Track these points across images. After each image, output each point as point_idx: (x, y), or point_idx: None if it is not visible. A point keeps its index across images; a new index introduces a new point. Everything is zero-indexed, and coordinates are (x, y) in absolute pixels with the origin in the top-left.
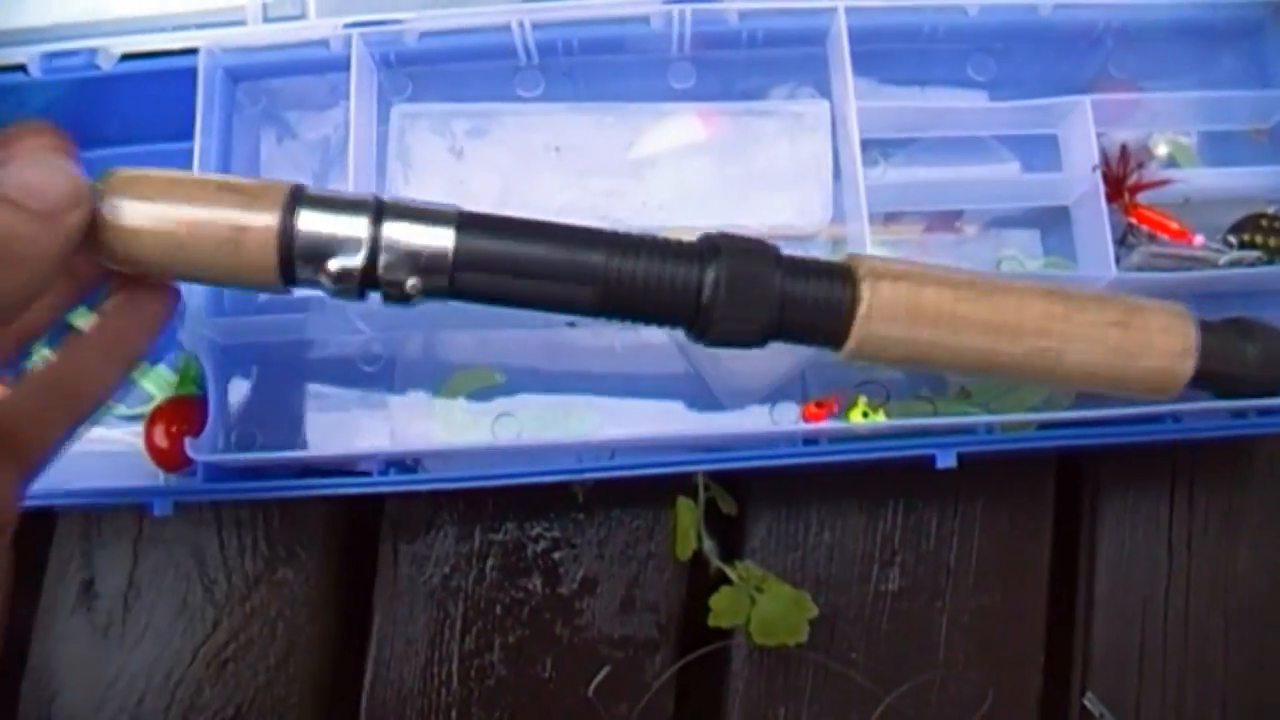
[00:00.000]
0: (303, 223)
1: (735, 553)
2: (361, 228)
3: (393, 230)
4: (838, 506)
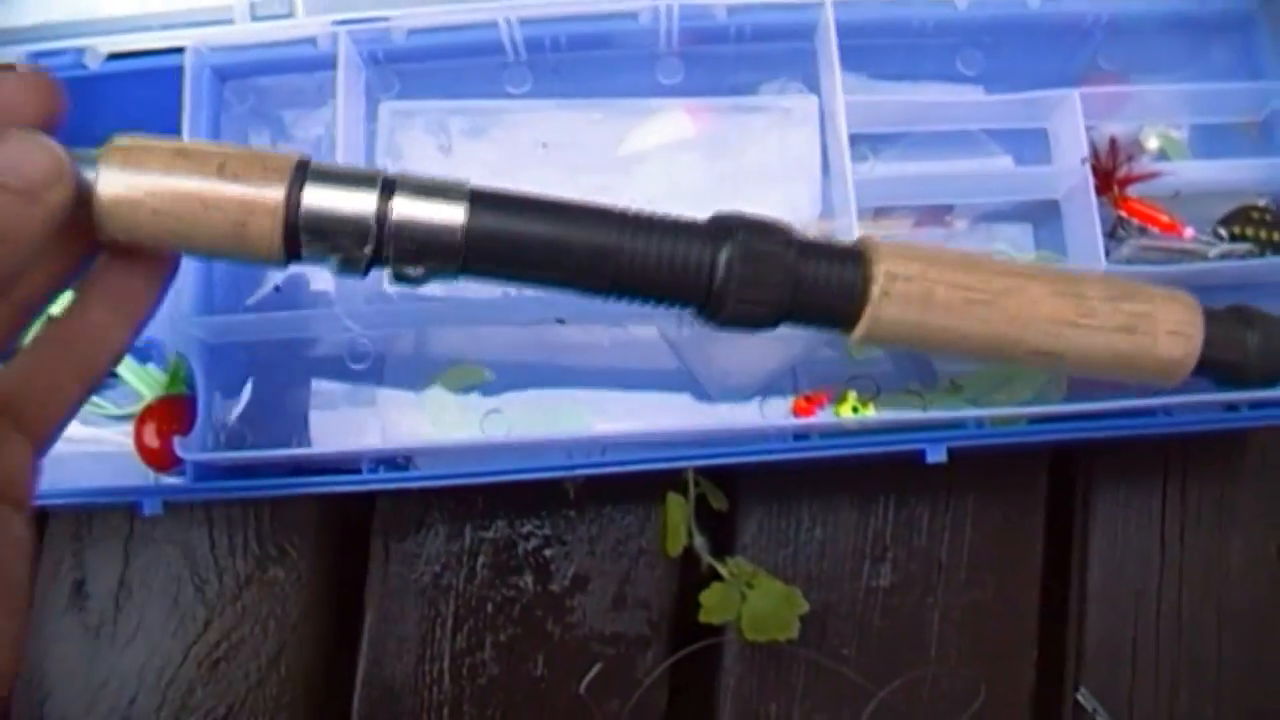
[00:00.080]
0: (309, 197)
1: (726, 549)
2: (369, 203)
3: (402, 207)
4: (829, 502)
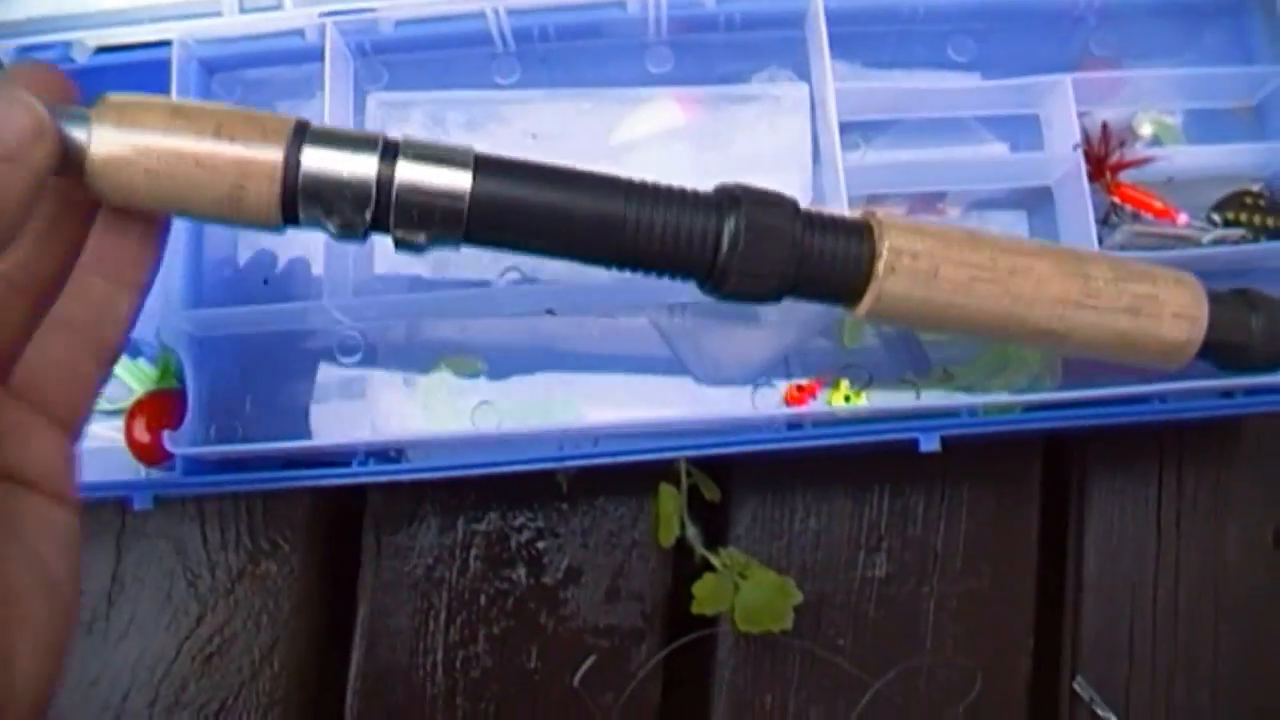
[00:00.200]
0: (308, 160)
1: (720, 540)
2: (370, 166)
3: (407, 171)
4: (823, 492)
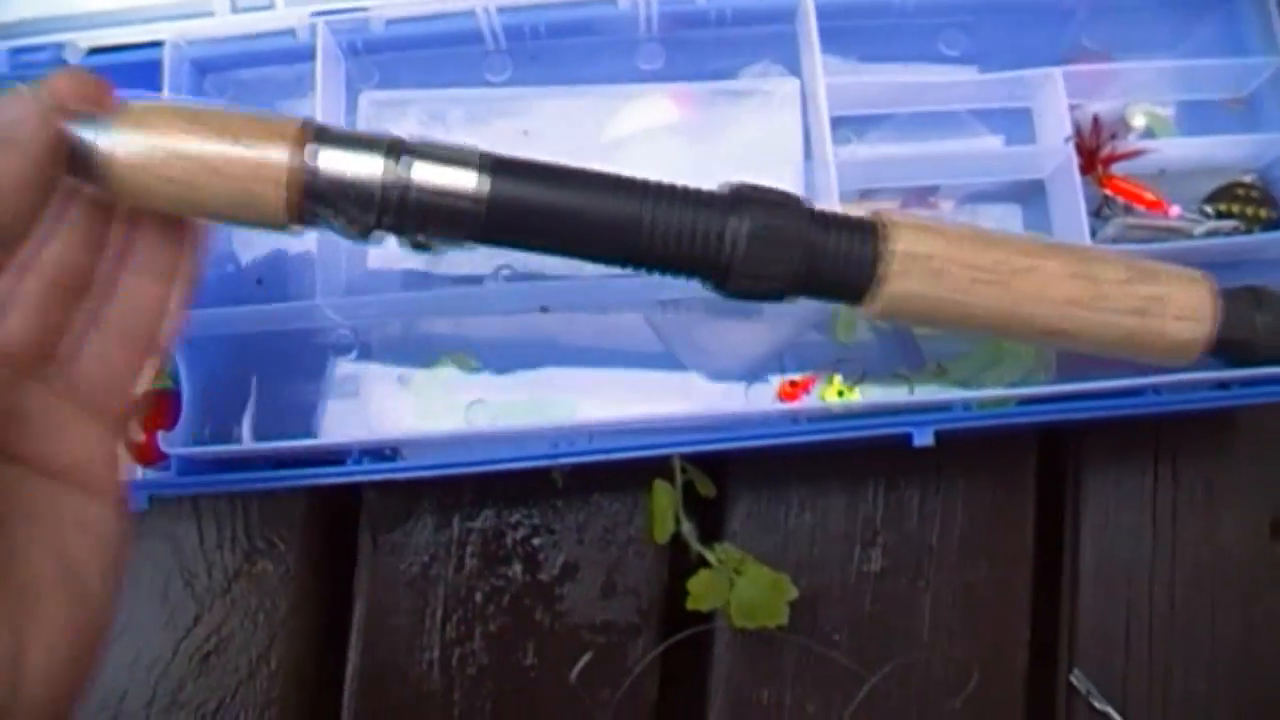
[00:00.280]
0: (317, 161)
1: (716, 535)
2: (376, 167)
3: (423, 173)
4: (818, 487)
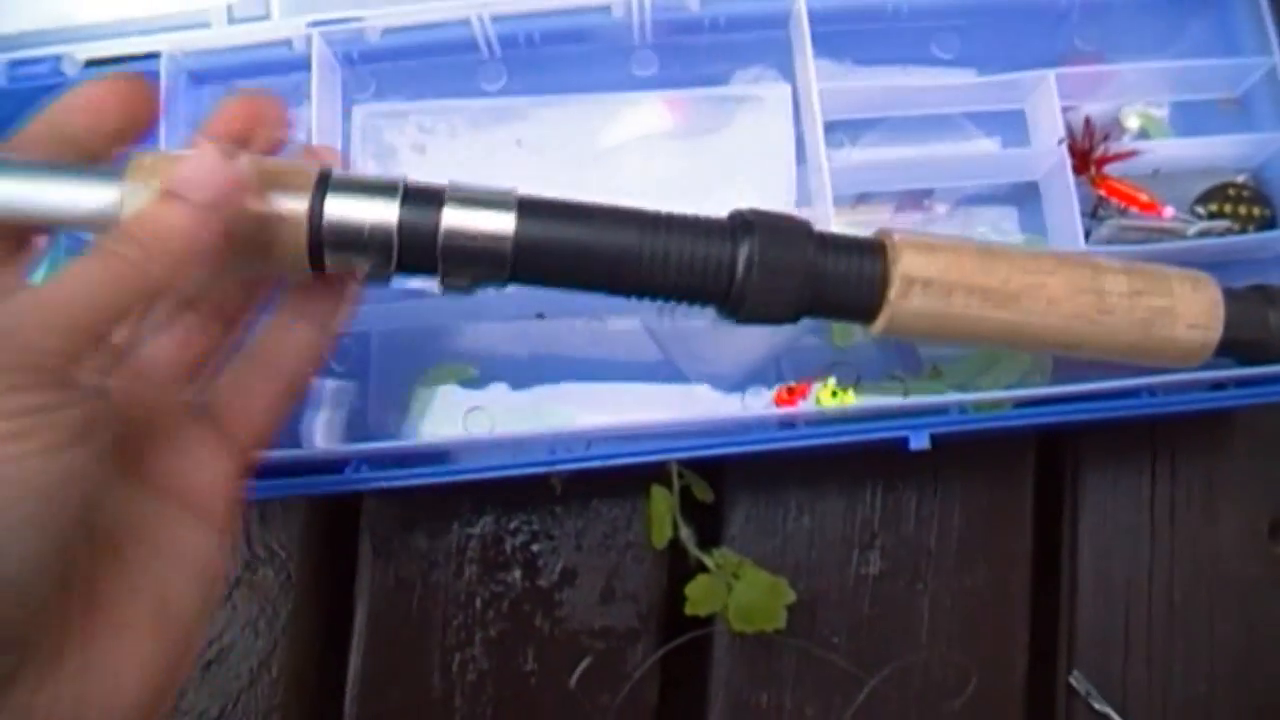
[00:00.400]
0: (331, 209)
1: (715, 540)
2: (391, 213)
3: (450, 217)
4: (816, 491)
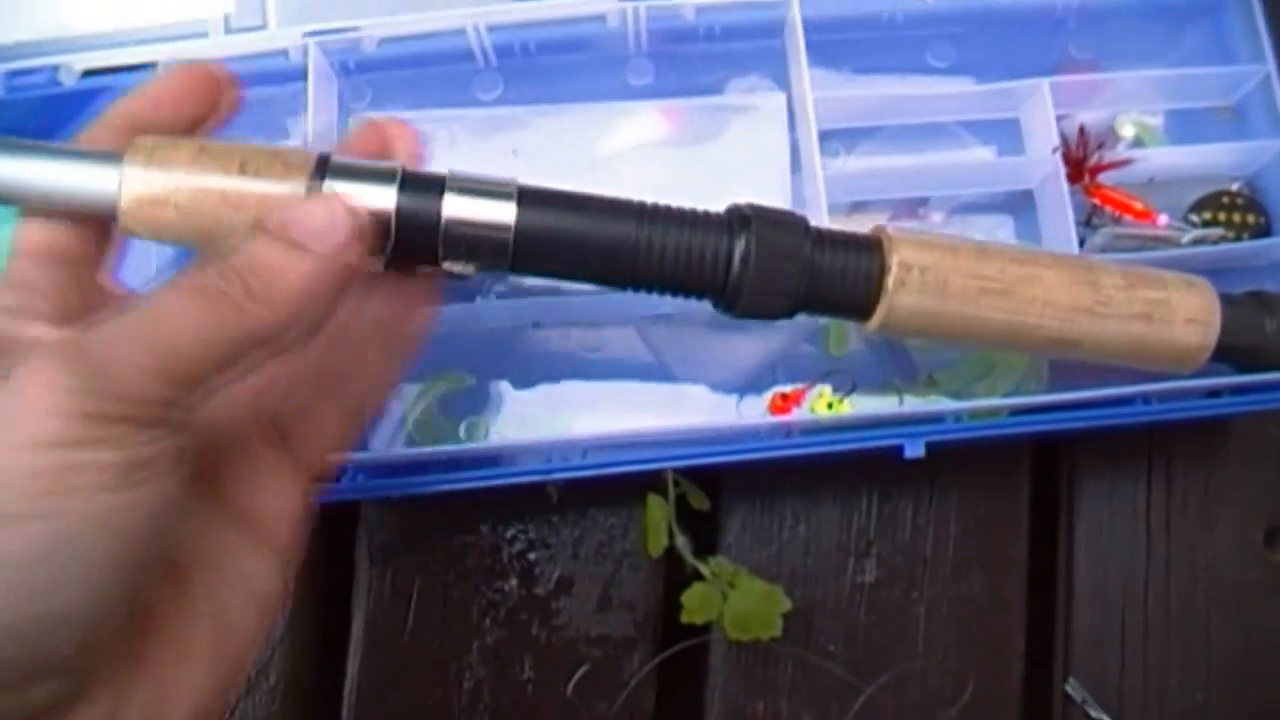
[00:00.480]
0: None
1: (711, 548)
2: (389, 198)
3: (451, 205)
4: (811, 499)
